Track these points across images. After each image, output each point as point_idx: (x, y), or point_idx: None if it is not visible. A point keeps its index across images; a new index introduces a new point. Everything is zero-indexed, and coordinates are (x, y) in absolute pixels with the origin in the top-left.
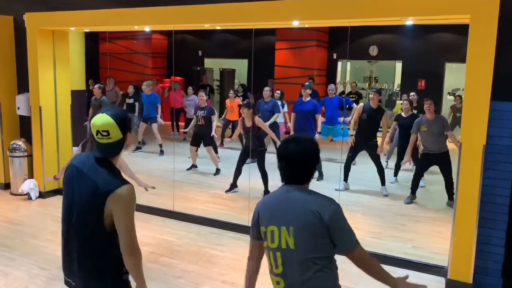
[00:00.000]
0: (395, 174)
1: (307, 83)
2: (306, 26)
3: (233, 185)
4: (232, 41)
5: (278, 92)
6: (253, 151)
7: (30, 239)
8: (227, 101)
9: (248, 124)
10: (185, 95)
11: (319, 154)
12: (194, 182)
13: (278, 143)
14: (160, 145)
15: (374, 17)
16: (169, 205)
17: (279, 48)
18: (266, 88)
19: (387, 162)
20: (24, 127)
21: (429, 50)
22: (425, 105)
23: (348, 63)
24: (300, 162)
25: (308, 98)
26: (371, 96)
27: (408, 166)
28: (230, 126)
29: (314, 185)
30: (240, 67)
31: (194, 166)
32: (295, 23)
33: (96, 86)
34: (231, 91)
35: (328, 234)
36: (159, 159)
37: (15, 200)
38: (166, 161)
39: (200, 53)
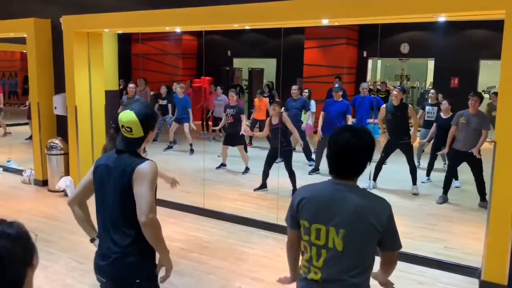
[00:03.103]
0: (428, 174)
1: (337, 85)
2: (336, 24)
3: (262, 186)
4: (261, 40)
5: (306, 91)
6: (280, 151)
7: (68, 234)
8: (255, 100)
9: (275, 121)
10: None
11: (374, 148)
12: (223, 181)
13: (301, 143)
14: (191, 145)
15: (406, 14)
16: (199, 203)
17: (308, 46)
18: (294, 86)
19: (419, 162)
20: (61, 126)
21: (462, 47)
22: (471, 101)
23: (379, 61)
24: (354, 155)
25: (340, 99)
26: (394, 93)
27: (440, 166)
28: (257, 125)
29: None
30: (269, 66)
31: (223, 164)
32: (325, 22)
33: (131, 85)
34: (259, 92)
35: (379, 239)
36: (190, 158)
37: (52, 197)
38: (196, 160)
39: (229, 53)
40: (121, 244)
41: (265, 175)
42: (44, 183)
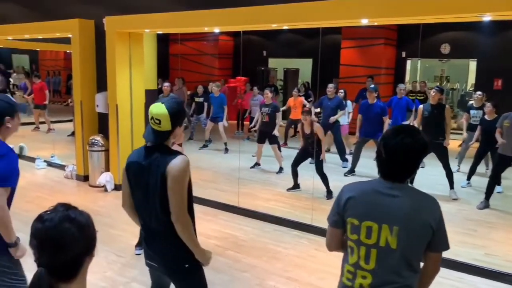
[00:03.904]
0: (468, 178)
1: (372, 86)
2: (375, 24)
3: (295, 186)
4: (297, 40)
5: (342, 91)
6: (312, 154)
7: (108, 228)
8: (290, 99)
9: (307, 131)
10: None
11: (427, 150)
12: (257, 180)
13: (324, 148)
14: (225, 144)
15: (449, 14)
16: (234, 201)
17: (345, 46)
18: (330, 85)
19: (459, 166)
20: (102, 123)
21: (506, 48)
22: None
23: (418, 62)
24: (407, 158)
25: (375, 101)
26: (432, 93)
27: (482, 170)
28: (293, 126)
29: None
30: (304, 66)
31: (257, 164)
32: (364, 22)
33: (166, 84)
34: (295, 90)
35: (430, 238)
36: (224, 157)
37: (93, 192)
38: (231, 159)
39: (264, 53)
40: (165, 234)
41: (295, 174)
42: (85, 178)
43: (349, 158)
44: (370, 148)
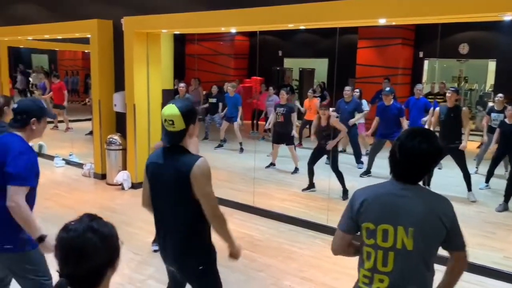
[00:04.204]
0: (487, 181)
1: (388, 89)
2: (394, 24)
3: (310, 185)
4: (312, 40)
5: (357, 91)
6: (327, 151)
7: (124, 226)
8: (306, 100)
9: (324, 123)
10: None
11: (442, 153)
12: (273, 180)
13: (339, 138)
14: (240, 143)
15: (469, 13)
16: (249, 201)
17: (361, 46)
18: (347, 88)
19: (477, 168)
20: (120, 122)
21: None
22: None
23: (436, 62)
24: (422, 161)
25: (391, 102)
26: (448, 95)
27: (501, 172)
28: (307, 126)
29: None
30: (320, 66)
31: (272, 164)
32: (382, 21)
33: (181, 85)
34: (310, 91)
35: (445, 238)
36: (239, 156)
37: (110, 190)
38: (246, 158)
39: (280, 53)
40: (180, 236)
41: (311, 173)
42: (103, 176)
43: (365, 159)
44: (386, 149)
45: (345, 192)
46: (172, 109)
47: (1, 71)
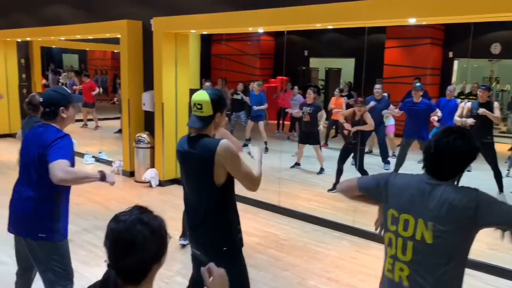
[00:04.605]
0: None
1: (418, 84)
2: (424, 23)
3: (336, 185)
4: (339, 40)
5: (386, 94)
6: (353, 150)
7: None
8: (333, 99)
9: (357, 118)
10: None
11: (478, 152)
12: (298, 180)
13: (364, 127)
14: (265, 143)
15: (505, 12)
16: (274, 200)
17: (389, 46)
18: (378, 86)
19: (508, 170)
20: (148, 121)
21: None
22: None
23: (467, 62)
24: (456, 159)
25: (420, 99)
26: (479, 93)
27: None
28: (334, 126)
29: None
30: (347, 66)
31: (297, 164)
32: (412, 21)
33: (207, 83)
34: (337, 90)
35: (478, 222)
36: (264, 156)
37: (138, 187)
38: (270, 158)
39: (305, 53)
40: (205, 220)
41: (339, 171)
42: (131, 174)
43: (392, 160)
44: (415, 150)
45: None
46: (202, 95)
47: (35, 70)
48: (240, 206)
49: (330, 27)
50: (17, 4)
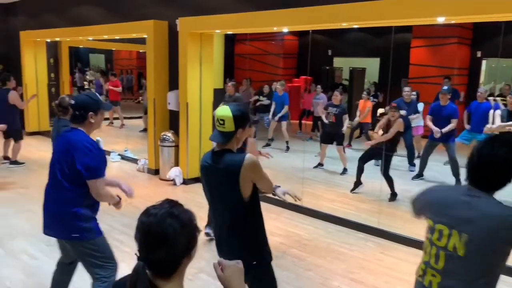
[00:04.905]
0: None
1: (445, 87)
2: (453, 22)
3: (357, 183)
4: (364, 39)
5: (415, 93)
6: (379, 155)
7: None
8: (361, 101)
9: (392, 124)
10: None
11: None
12: (321, 180)
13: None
14: (287, 142)
15: None
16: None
17: (416, 45)
18: (407, 89)
19: None
20: (173, 120)
21: None
22: None
23: (497, 62)
24: (500, 170)
25: (447, 103)
26: (509, 99)
27: None
28: (358, 128)
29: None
30: (371, 66)
31: (320, 164)
32: (441, 20)
33: (230, 83)
34: (364, 93)
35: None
36: (285, 155)
37: (163, 185)
38: (292, 158)
39: (329, 52)
40: (232, 234)
41: (360, 170)
42: (156, 172)
43: (418, 162)
44: (438, 152)
45: (393, 194)
46: (225, 110)
47: (63, 69)
48: (263, 205)
49: (355, 26)
50: (48, 5)
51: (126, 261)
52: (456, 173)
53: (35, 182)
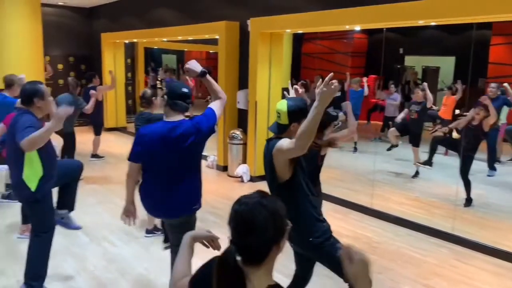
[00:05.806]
0: None
1: None
2: None
3: (428, 162)
4: (437, 37)
5: (502, 89)
6: (455, 145)
7: None
8: (444, 97)
9: (476, 122)
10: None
11: None
12: (390, 183)
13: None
14: (355, 143)
15: None
16: (366, 202)
17: (495, 43)
18: (493, 85)
19: None
20: (242, 119)
21: None
22: None
23: None
24: None
25: None
26: None
27: None
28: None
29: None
30: (446, 65)
31: (394, 145)
32: None
33: (299, 83)
34: (448, 86)
35: None
36: (353, 156)
37: (230, 181)
38: (360, 159)
39: (401, 50)
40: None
41: (432, 150)
42: (225, 168)
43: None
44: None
45: (468, 200)
46: (282, 105)
47: (139, 69)
48: (328, 205)
49: (433, 23)
50: (127, 8)
51: (200, 255)
52: None
53: (114, 174)
